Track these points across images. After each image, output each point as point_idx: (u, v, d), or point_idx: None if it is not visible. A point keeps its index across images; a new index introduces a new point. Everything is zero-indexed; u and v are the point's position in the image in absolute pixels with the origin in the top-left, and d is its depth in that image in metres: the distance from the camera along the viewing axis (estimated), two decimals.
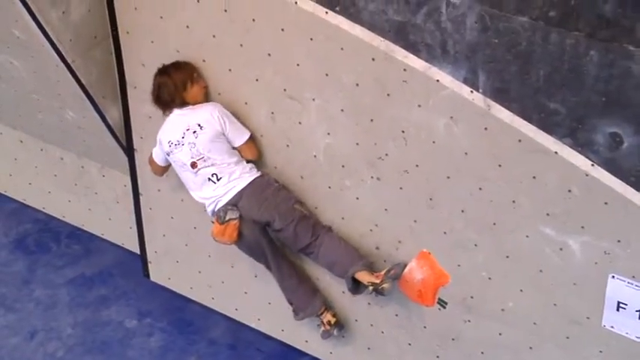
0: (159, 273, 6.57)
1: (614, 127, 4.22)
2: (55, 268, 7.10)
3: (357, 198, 5.28)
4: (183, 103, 5.38)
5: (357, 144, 5.07)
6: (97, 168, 6.63)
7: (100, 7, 5.47)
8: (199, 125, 5.29)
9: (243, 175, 5.37)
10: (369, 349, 5.80)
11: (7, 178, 7.24)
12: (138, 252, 6.58)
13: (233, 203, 5.36)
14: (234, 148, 5.38)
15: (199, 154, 5.32)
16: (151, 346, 6.53)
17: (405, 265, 5.18)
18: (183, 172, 5.44)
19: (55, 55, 5.38)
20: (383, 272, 5.19)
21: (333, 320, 5.68)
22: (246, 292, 6.14)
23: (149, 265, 6.56)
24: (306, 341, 6.04)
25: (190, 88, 5.35)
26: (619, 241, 4.48)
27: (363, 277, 5.26)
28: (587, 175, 4.39)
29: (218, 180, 5.35)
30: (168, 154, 5.46)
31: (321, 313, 5.69)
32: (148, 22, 5.43)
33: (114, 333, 6.63)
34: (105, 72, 5.72)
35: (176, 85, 5.33)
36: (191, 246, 6.24)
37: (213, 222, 5.42)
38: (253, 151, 5.43)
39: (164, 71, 5.38)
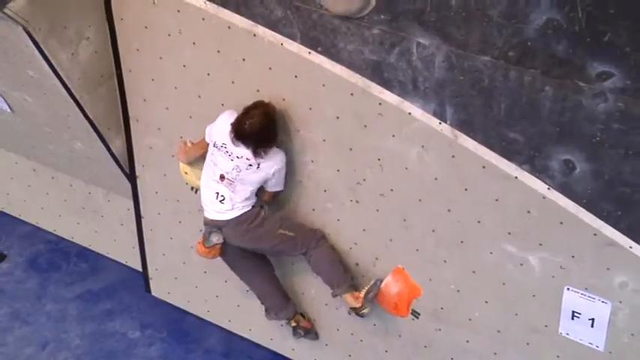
0: (159, 288, 6.54)
1: (567, 155, 4.24)
2: (65, 284, 7.08)
3: (338, 219, 5.27)
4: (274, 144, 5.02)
5: (338, 170, 5.07)
6: (102, 193, 6.61)
7: (105, 49, 5.47)
8: (258, 165, 5.00)
9: (237, 207, 5.15)
10: (349, 356, 5.78)
11: (22, 204, 7.22)
12: (140, 269, 6.55)
13: (219, 227, 5.21)
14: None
15: (233, 178, 5.06)
16: (152, 355, 6.50)
17: (382, 282, 5.18)
18: (212, 165, 5.12)
19: (65, 92, 5.37)
20: (362, 295, 5.17)
21: (297, 324, 5.69)
22: (238, 305, 6.11)
23: (150, 281, 6.53)
24: (293, 349, 6.02)
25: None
26: (573, 256, 4.49)
27: (346, 299, 5.26)
28: (544, 198, 4.40)
29: (221, 202, 5.14)
30: (214, 144, 5.11)
31: (292, 317, 5.68)
32: (149, 62, 5.43)
33: (118, 343, 6.60)
34: (110, 107, 5.71)
35: (270, 127, 4.94)
36: (188, 264, 6.21)
37: (198, 242, 5.30)
38: (271, 199, 5.22)
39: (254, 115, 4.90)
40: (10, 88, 5.80)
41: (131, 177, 6.06)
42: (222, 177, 5.11)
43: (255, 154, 4.95)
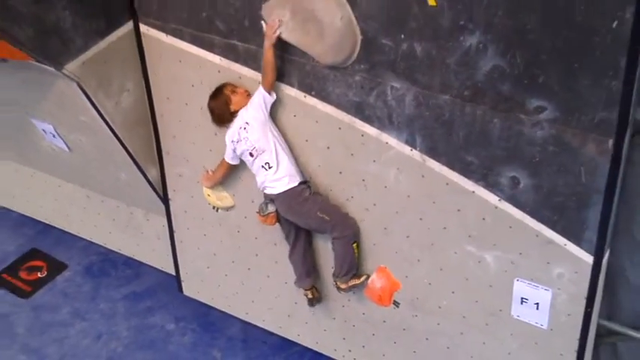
0: (189, 288, 6.53)
1: (513, 172, 4.26)
2: (114, 287, 7.05)
3: None
4: (234, 114, 4.98)
5: (331, 190, 5.07)
6: (142, 213, 6.61)
7: (142, 98, 5.51)
8: (247, 123, 4.89)
9: (284, 180, 4.92)
10: (344, 339, 5.77)
11: (79, 223, 7.21)
12: (174, 274, 6.54)
13: (271, 199, 5.06)
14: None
15: (252, 147, 4.94)
16: (185, 343, 6.48)
17: (368, 279, 5.18)
18: (246, 159, 5.06)
19: (110, 133, 5.40)
20: (349, 285, 5.13)
21: (313, 296, 5.52)
22: (253, 301, 6.10)
23: (182, 283, 6.52)
24: (298, 335, 6.00)
25: (233, 99, 4.96)
26: (520, 253, 4.50)
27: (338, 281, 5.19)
28: (496, 208, 4.42)
29: (269, 168, 4.92)
30: (234, 151, 5.07)
31: (308, 289, 5.50)
32: (177, 108, 5.45)
33: (158, 334, 6.58)
34: (146, 143, 5.73)
35: (222, 106, 5.00)
36: (212, 268, 6.21)
37: (257, 212, 5.19)
38: (267, 80, 4.72)
39: (211, 99, 5.06)
40: (67, 132, 5.83)
41: (165, 200, 6.07)
42: (250, 154, 4.97)
43: (224, 126, 5.07)
